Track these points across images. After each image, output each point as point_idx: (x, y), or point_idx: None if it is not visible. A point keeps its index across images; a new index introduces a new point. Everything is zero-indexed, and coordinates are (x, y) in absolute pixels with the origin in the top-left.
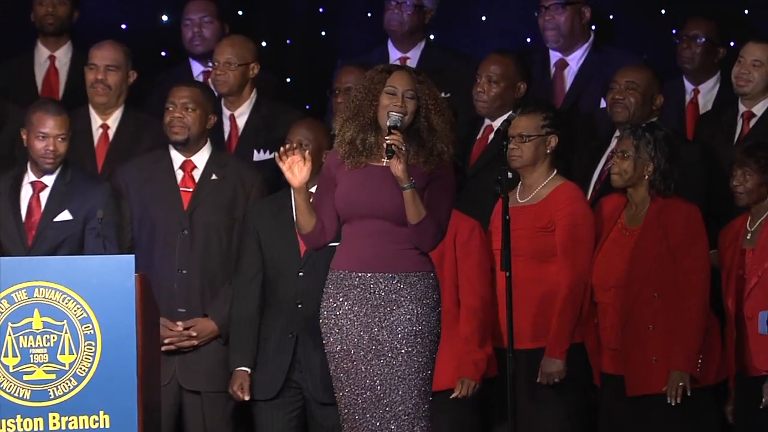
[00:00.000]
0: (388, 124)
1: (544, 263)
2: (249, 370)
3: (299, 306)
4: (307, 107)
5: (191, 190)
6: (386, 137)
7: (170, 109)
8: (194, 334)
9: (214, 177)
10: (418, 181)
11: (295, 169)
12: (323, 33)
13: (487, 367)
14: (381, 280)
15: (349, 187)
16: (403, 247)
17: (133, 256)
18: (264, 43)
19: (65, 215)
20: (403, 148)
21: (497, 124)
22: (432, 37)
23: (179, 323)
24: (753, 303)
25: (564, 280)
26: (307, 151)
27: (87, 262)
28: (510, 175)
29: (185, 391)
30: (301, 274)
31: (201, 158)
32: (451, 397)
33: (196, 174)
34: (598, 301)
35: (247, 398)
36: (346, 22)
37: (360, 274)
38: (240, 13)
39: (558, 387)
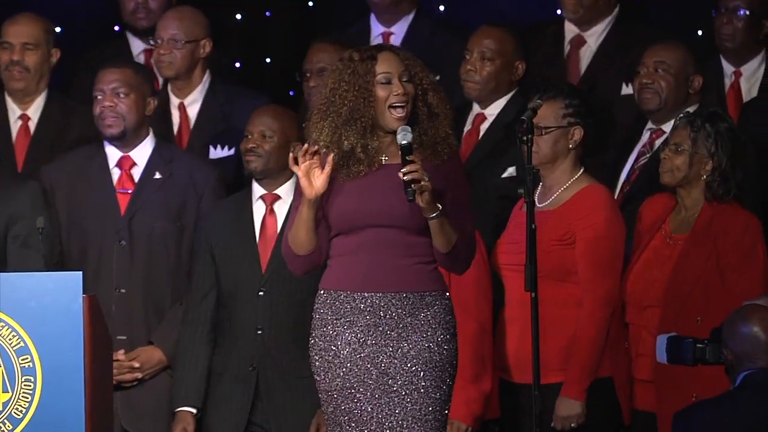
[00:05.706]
0: (400, 142)
1: (564, 282)
2: (194, 411)
3: (259, 332)
4: (291, 93)
5: (130, 191)
6: (402, 171)
7: (99, 97)
8: (137, 365)
9: (158, 176)
10: (433, 183)
11: (312, 176)
12: (310, 3)
13: (484, 406)
14: (393, 301)
15: (349, 195)
16: (417, 260)
17: (81, 273)
18: (239, 16)
19: None
20: (426, 178)
21: (490, 111)
22: (442, 8)
23: (120, 352)
24: None
25: (585, 306)
26: (331, 156)
27: (24, 281)
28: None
29: None
30: (261, 293)
31: (142, 153)
32: None
33: (136, 172)
34: (630, 323)
35: None
36: None
37: (366, 295)
38: None
39: None
